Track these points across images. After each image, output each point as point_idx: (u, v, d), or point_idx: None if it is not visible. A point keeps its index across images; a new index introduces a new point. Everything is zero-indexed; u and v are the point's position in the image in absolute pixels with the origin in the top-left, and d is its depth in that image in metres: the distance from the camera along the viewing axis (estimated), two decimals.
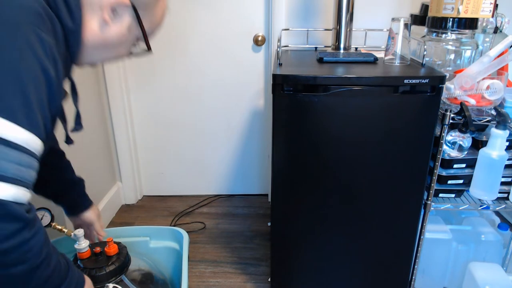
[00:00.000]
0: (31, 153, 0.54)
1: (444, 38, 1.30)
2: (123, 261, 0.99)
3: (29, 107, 0.52)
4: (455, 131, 1.20)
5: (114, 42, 0.69)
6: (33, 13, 0.54)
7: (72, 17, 0.62)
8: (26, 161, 0.53)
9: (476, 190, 1.22)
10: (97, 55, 0.71)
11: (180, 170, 2.25)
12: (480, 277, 1.25)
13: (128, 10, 0.68)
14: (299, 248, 1.37)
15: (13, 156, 0.51)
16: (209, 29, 1.93)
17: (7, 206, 0.50)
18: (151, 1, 0.70)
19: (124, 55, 0.75)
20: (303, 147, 1.21)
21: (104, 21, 0.66)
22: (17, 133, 0.51)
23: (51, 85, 0.56)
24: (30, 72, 0.52)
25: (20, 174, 0.52)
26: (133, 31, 0.71)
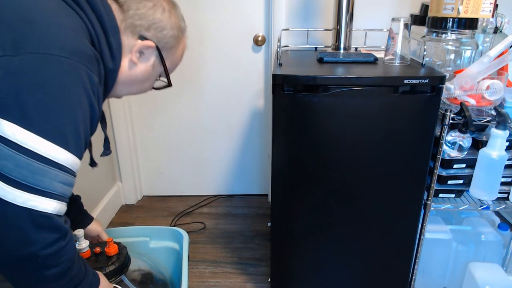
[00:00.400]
0: (74, 174, 0.64)
1: (444, 38, 1.30)
2: (123, 261, 0.99)
3: (77, 136, 0.62)
4: (455, 131, 1.20)
5: (139, 79, 0.79)
6: (87, 57, 0.63)
7: (113, 59, 0.71)
8: (69, 181, 0.63)
9: (476, 190, 1.22)
10: (124, 90, 0.80)
11: (180, 170, 2.25)
12: (480, 277, 1.25)
13: (153, 52, 0.77)
14: (299, 248, 1.37)
15: (62, 177, 0.61)
16: (209, 29, 1.93)
17: (52, 219, 0.60)
18: (173, 45, 0.80)
19: (149, 89, 0.84)
20: (303, 147, 1.21)
21: (132, 61, 0.75)
22: (67, 158, 0.61)
23: (94, 117, 0.66)
24: (81, 107, 0.62)
25: (64, 192, 0.62)
26: (157, 68, 0.80)
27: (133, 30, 0.74)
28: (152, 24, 0.75)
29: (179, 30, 0.80)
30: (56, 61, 0.59)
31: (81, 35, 0.64)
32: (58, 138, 0.59)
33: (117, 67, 0.73)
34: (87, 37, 0.66)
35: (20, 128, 0.56)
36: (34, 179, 0.58)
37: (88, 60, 0.63)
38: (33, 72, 0.57)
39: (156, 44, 0.76)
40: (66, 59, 0.59)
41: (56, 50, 0.59)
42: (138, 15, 0.74)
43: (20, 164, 0.57)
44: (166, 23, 0.76)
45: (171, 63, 0.83)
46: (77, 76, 0.61)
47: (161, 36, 0.76)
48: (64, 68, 0.59)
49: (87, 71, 0.62)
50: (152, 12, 0.75)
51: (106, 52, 0.70)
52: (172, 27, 0.78)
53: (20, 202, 0.57)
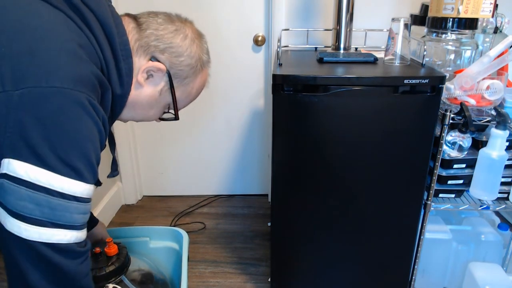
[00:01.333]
0: (90, 200, 0.64)
1: (444, 38, 1.30)
2: (123, 261, 0.98)
3: (90, 165, 0.62)
4: (455, 131, 1.20)
5: (144, 104, 0.75)
6: (91, 86, 0.61)
7: (121, 84, 0.69)
8: (88, 209, 0.64)
9: (476, 190, 1.22)
10: (126, 113, 0.76)
11: (180, 170, 2.25)
12: (480, 277, 1.25)
13: (163, 77, 0.73)
14: (299, 248, 1.37)
15: (82, 208, 0.62)
16: (209, 29, 1.93)
17: (72, 247, 0.62)
18: (188, 75, 0.74)
19: (154, 118, 0.80)
20: (303, 147, 1.21)
21: (138, 82, 0.71)
22: (84, 189, 0.61)
23: (103, 142, 0.65)
24: (90, 136, 0.61)
25: (84, 220, 0.64)
26: (165, 96, 0.75)
27: (146, 50, 0.70)
28: (169, 47, 0.71)
29: (198, 61, 0.75)
30: (59, 93, 0.56)
31: (86, 59, 0.62)
32: (72, 171, 0.58)
33: (126, 93, 0.70)
34: (94, 61, 0.63)
35: (31, 166, 0.55)
36: (55, 215, 0.58)
37: (90, 89, 0.61)
38: (36, 107, 0.55)
39: (167, 68, 0.72)
40: (70, 91, 0.57)
41: (58, 82, 0.56)
42: (155, 36, 0.70)
43: (39, 202, 0.56)
44: (185, 50, 0.72)
45: (183, 95, 0.77)
46: (82, 105, 0.59)
47: (176, 62, 0.72)
48: (67, 100, 0.57)
49: (90, 99, 0.60)
50: (172, 36, 0.71)
51: (114, 77, 0.67)
52: (190, 56, 0.73)
53: (45, 239, 0.58)
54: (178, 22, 0.73)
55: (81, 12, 0.63)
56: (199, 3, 1.88)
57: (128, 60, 0.68)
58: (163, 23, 0.71)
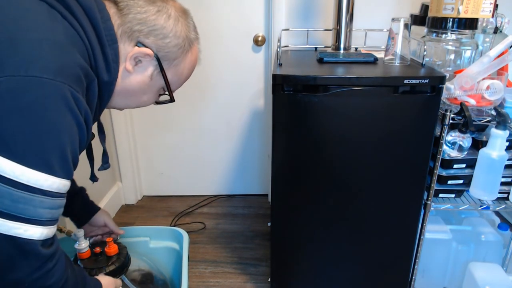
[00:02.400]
0: (62, 195, 0.61)
1: (444, 38, 1.30)
2: (123, 261, 0.99)
3: (64, 159, 0.59)
4: (455, 131, 1.20)
5: (136, 91, 0.73)
6: (73, 76, 0.59)
7: (108, 71, 0.67)
8: (57, 204, 0.61)
9: (476, 190, 1.22)
10: (120, 102, 0.75)
11: (180, 170, 2.25)
12: (480, 277, 1.25)
13: (152, 61, 0.71)
14: (299, 248, 1.37)
15: (48, 203, 0.58)
16: (209, 29, 1.93)
17: (37, 246, 0.58)
18: (177, 56, 0.73)
19: (149, 102, 0.79)
20: (303, 147, 1.21)
21: (127, 69, 0.70)
22: (52, 183, 0.58)
23: (83, 135, 0.62)
24: (67, 129, 0.58)
25: (51, 216, 0.60)
26: (156, 80, 0.73)
27: (130, 35, 0.68)
28: (153, 30, 0.69)
29: (186, 40, 0.73)
30: (38, 83, 0.54)
31: (70, 49, 0.60)
32: (41, 165, 0.56)
33: (114, 79, 0.69)
34: (79, 49, 0.62)
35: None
36: (17, 208, 0.55)
37: (74, 80, 0.59)
38: (12, 96, 0.53)
39: (154, 52, 0.70)
40: (50, 81, 0.55)
41: (38, 72, 0.54)
42: (138, 20, 0.68)
43: (0, 194, 0.54)
44: (170, 30, 0.70)
45: (175, 76, 0.75)
46: (62, 97, 0.56)
47: (162, 44, 0.70)
48: (47, 90, 0.55)
49: (73, 91, 0.58)
50: (155, 17, 0.69)
51: (101, 64, 0.65)
52: (176, 35, 0.71)
53: (4, 230, 0.55)
54: (160, 2, 0.71)
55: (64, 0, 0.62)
56: (199, 3, 1.88)
57: (113, 45, 0.67)
58: (144, 5, 0.69)
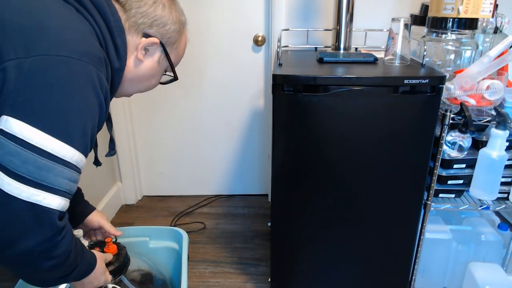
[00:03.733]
0: (79, 170, 0.66)
1: (444, 38, 1.30)
2: (122, 261, 0.98)
3: (84, 134, 0.64)
4: (455, 131, 1.20)
5: (147, 76, 0.81)
6: (97, 59, 0.66)
7: (119, 58, 0.73)
8: (74, 177, 0.65)
9: (476, 190, 1.22)
10: (132, 88, 0.83)
11: (180, 170, 2.25)
12: (480, 277, 1.25)
13: (158, 48, 0.79)
14: (299, 248, 1.37)
15: (67, 174, 0.63)
16: (209, 29, 1.93)
17: (53, 215, 0.62)
18: (176, 39, 0.82)
19: (155, 85, 0.86)
20: (303, 147, 1.21)
21: (138, 59, 0.78)
22: (73, 155, 0.63)
23: (102, 116, 0.69)
24: (90, 107, 0.64)
25: (69, 188, 0.64)
26: (162, 64, 0.82)
27: (137, 28, 0.76)
28: (154, 21, 0.77)
29: (180, 24, 0.82)
30: (66, 62, 0.61)
31: (90, 37, 0.67)
32: (65, 136, 0.61)
33: (123, 67, 0.75)
34: (95, 39, 0.68)
35: (27, 125, 0.58)
36: (40, 175, 0.59)
37: (97, 62, 0.65)
38: (43, 72, 0.59)
39: (160, 40, 0.78)
40: (77, 60, 0.62)
41: (67, 52, 0.61)
42: (140, 13, 0.75)
43: (26, 160, 0.58)
44: (168, 18, 0.78)
45: (175, 57, 0.85)
46: (87, 76, 0.63)
47: (164, 31, 0.78)
48: (74, 68, 0.61)
49: (97, 71, 0.65)
50: (153, 9, 0.76)
51: (112, 52, 0.72)
52: (173, 21, 0.79)
53: (25, 196, 0.58)
54: None
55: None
56: (199, 3, 1.88)
57: (122, 35, 0.73)
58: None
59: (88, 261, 0.78)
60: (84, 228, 1.04)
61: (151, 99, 2.07)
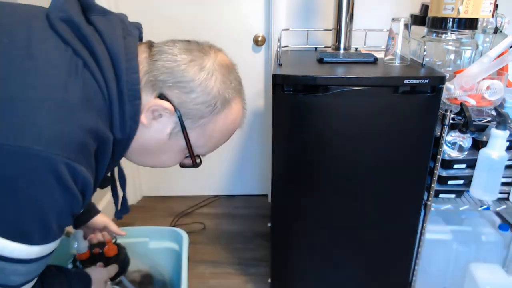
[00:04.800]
0: (41, 259, 0.58)
1: (444, 38, 1.30)
2: (122, 262, 0.98)
3: (47, 230, 0.56)
4: (455, 131, 1.20)
5: (152, 149, 0.65)
6: (72, 145, 0.52)
7: (122, 128, 0.59)
8: (35, 268, 0.58)
9: (477, 191, 1.22)
10: (136, 159, 0.68)
11: (180, 170, 2.23)
12: (481, 277, 1.24)
13: (172, 117, 0.62)
14: (299, 248, 1.37)
15: (24, 270, 0.56)
16: (209, 29, 1.93)
17: None
18: (204, 115, 0.63)
19: (170, 163, 0.70)
20: (303, 147, 1.21)
21: (142, 123, 0.61)
22: (30, 252, 0.55)
23: (77, 205, 0.57)
24: (53, 204, 0.54)
25: (27, 279, 0.58)
26: (176, 140, 0.64)
27: (154, 85, 0.60)
28: (179, 82, 0.60)
29: (218, 97, 0.63)
30: (25, 155, 0.49)
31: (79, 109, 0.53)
32: (18, 236, 0.53)
33: (127, 138, 0.61)
34: (97, 103, 0.56)
35: None
36: None
37: (73, 148, 0.52)
38: None
39: (176, 107, 0.60)
40: (39, 152, 0.50)
41: (28, 141, 0.49)
42: (166, 68, 0.60)
43: None
44: (198, 84, 0.61)
45: (202, 138, 0.66)
46: (51, 171, 0.51)
47: (187, 99, 0.60)
48: (33, 163, 0.50)
49: (68, 162, 0.52)
50: (185, 67, 0.60)
51: (116, 121, 0.58)
52: (206, 91, 0.61)
53: None
54: (197, 52, 0.64)
55: (91, 46, 0.57)
56: (199, 3, 1.88)
57: (134, 102, 0.59)
58: (178, 52, 0.62)
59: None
60: (88, 230, 1.04)
61: None
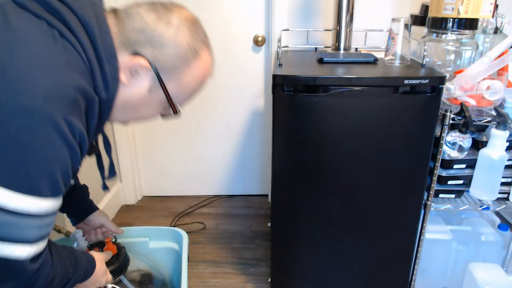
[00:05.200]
0: (52, 214, 0.61)
1: (444, 39, 1.30)
2: (122, 261, 0.98)
3: (55, 182, 0.59)
4: (455, 131, 1.20)
5: (134, 105, 0.70)
6: (66, 100, 0.57)
7: (107, 89, 0.64)
8: (46, 223, 0.61)
9: (476, 191, 1.22)
10: (119, 116, 0.71)
11: (180, 170, 2.25)
12: (480, 277, 1.24)
13: (149, 73, 0.67)
14: (299, 248, 1.37)
15: (36, 224, 0.59)
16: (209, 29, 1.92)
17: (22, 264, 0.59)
18: (178, 66, 0.68)
19: (151, 116, 0.74)
20: (303, 147, 1.21)
21: (122, 82, 0.66)
22: (41, 206, 0.58)
23: (76, 158, 0.61)
24: (56, 155, 0.58)
25: (41, 234, 0.60)
26: (157, 94, 0.69)
27: (127, 45, 0.65)
28: (150, 39, 0.65)
29: (189, 49, 0.68)
30: (26, 112, 0.53)
31: (65, 71, 0.57)
32: (29, 189, 0.56)
33: (112, 97, 0.66)
34: (80, 69, 0.60)
35: None
36: (3, 232, 0.56)
37: (67, 103, 0.57)
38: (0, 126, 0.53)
39: (151, 63, 0.65)
40: (38, 108, 0.54)
41: (26, 99, 0.53)
42: (136, 29, 0.65)
43: None
44: (169, 38, 0.65)
45: (179, 89, 0.70)
46: (51, 124, 0.55)
47: (160, 54, 0.65)
48: (34, 118, 0.54)
49: (65, 116, 0.56)
50: (154, 25, 0.65)
51: (99, 82, 0.63)
52: (177, 44, 0.66)
53: None
54: (162, 10, 0.67)
55: (63, 16, 0.60)
56: (199, 4, 1.88)
57: (112, 61, 0.63)
58: (144, 13, 0.65)
59: (84, 268, 0.76)
60: (86, 227, 1.04)
61: None
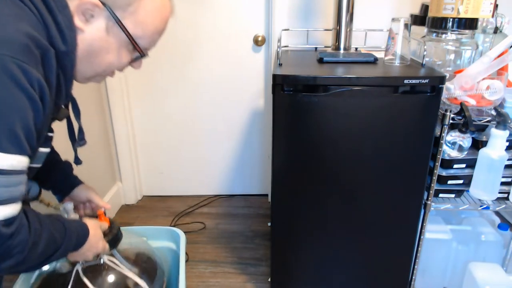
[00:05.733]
0: (19, 172, 0.57)
1: (444, 38, 1.30)
2: (115, 234, 0.96)
3: (14, 135, 0.55)
4: (455, 131, 1.20)
5: (95, 50, 0.66)
6: (19, 47, 0.54)
7: (64, 40, 0.61)
8: (14, 181, 0.57)
9: (476, 190, 1.22)
10: (84, 68, 0.68)
11: (180, 170, 2.25)
12: (480, 277, 1.24)
13: (102, 11, 0.63)
14: (299, 248, 1.37)
15: (3, 181, 0.55)
16: (209, 29, 1.93)
17: None
18: (130, 1, 0.64)
19: (118, 63, 0.71)
20: (303, 147, 1.21)
21: (79, 28, 0.63)
22: (3, 160, 0.54)
23: (37, 109, 0.58)
24: (13, 104, 0.54)
25: (11, 194, 0.56)
26: (117, 35, 0.66)
27: None
28: None
29: None
30: None
31: (15, 21, 0.55)
32: None
33: (72, 48, 0.63)
34: (30, 22, 0.57)
35: None
36: None
37: (19, 50, 0.54)
38: None
39: (101, 1, 0.62)
40: None
41: None
42: None
43: None
44: None
45: (137, 26, 0.66)
46: (4, 70, 0.52)
47: None
48: None
49: (19, 63, 0.54)
50: None
51: (54, 33, 0.60)
52: None
53: None
54: None
55: None
56: (199, 3, 1.88)
57: (64, 11, 0.60)
58: None
59: (76, 234, 0.73)
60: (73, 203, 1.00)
61: (152, 98, 2.07)
